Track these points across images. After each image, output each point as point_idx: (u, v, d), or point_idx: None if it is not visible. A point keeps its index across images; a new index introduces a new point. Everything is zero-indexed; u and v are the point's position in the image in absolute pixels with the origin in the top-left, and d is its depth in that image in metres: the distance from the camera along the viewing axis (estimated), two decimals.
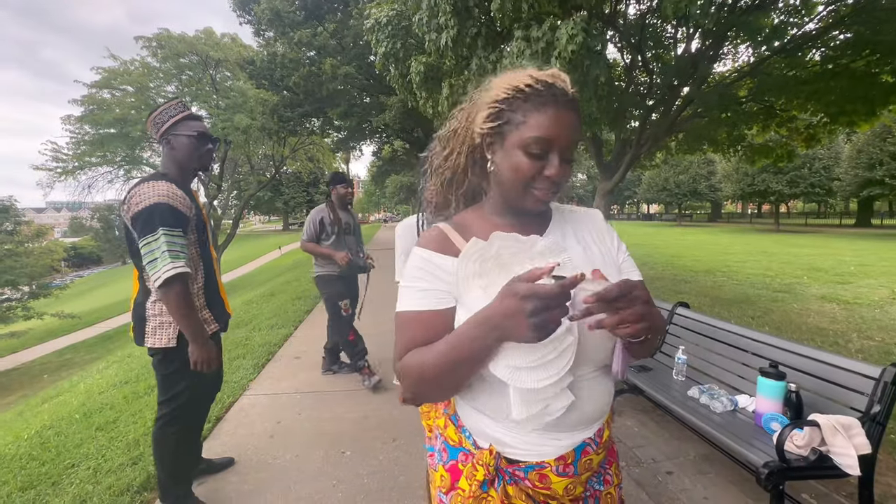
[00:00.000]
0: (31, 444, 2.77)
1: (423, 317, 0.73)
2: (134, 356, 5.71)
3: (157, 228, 1.60)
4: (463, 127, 0.81)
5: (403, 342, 0.74)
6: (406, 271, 0.78)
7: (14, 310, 14.35)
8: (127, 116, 15.83)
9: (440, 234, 0.80)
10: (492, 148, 0.76)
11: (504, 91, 0.72)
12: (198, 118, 1.82)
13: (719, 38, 5.39)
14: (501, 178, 0.76)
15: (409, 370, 0.70)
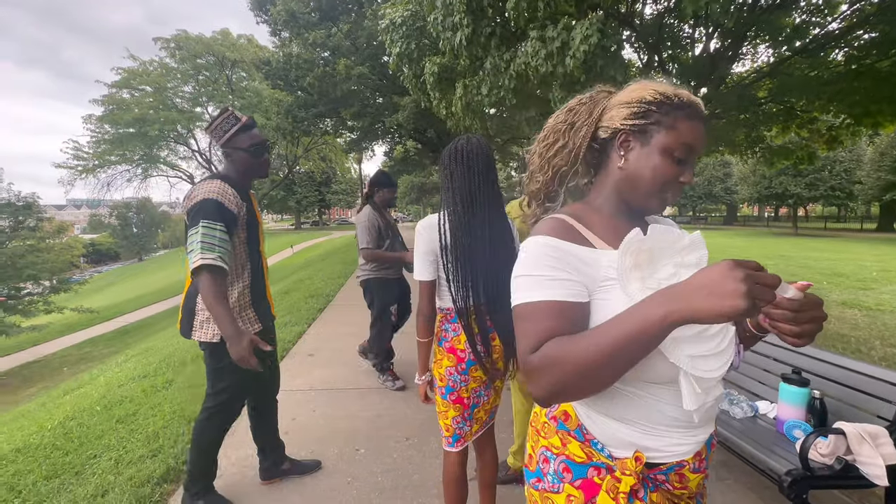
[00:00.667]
0: (55, 435, 2.85)
1: (563, 307, 0.69)
2: (152, 351, 5.83)
3: (200, 221, 1.66)
4: (584, 122, 0.82)
5: (537, 334, 0.68)
6: (527, 260, 0.74)
7: (35, 304, 14.75)
8: (145, 116, 16.19)
9: (564, 224, 0.78)
10: (627, 146, 0.78)
11: (651, 94, 0.75)
12: (252, 126, 1.86)
13: (739, 37, 5.29)
14: (633, 176, 0.77)
15: (555, 361, 0.64)
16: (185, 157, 20.34)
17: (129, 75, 16.52)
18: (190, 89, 17.89)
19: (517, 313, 0.73)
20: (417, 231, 1.49)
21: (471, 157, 1.44)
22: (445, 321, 1.52)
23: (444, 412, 1.55)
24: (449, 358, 1.50)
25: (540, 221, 0.82)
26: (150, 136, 16.52)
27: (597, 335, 0.63)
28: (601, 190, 0.84)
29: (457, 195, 1.43)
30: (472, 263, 1.42)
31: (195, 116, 18.35)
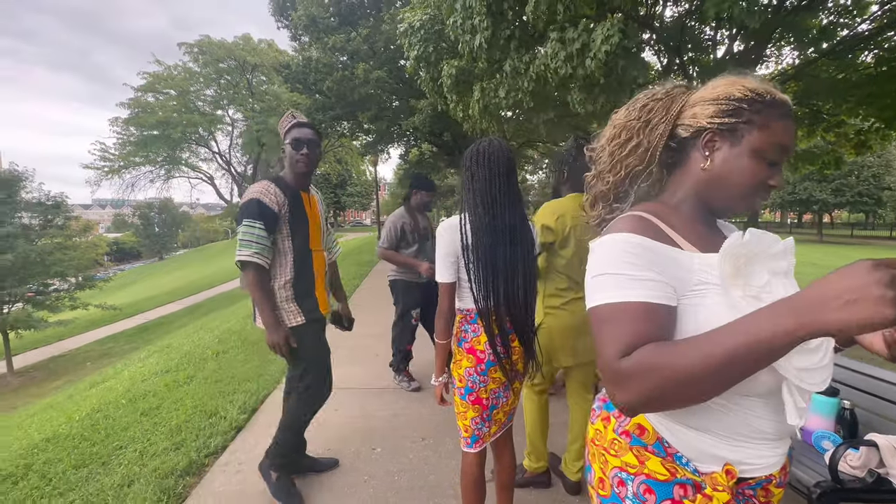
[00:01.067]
0: (83, 426, 2.94)
1: (652, 309, 0.65)
2: (172, 348, 5.97)
3: (242, 220, 1.80)
4: (661, 119, 0.78)
5: (626, 337, 0.63)
6: (608, 258, 0.70)
7: (62, 300, 15.22)
8: (169, 119, 16.64)
9: (647, 222, 0.73)
10: (712, 146, 0.74)
11: (741, 91, 0.71)
12: (302, 125, 1.95)
13: (763, 39, 5.20)
14: (719, 178, 0.74)
15: (653, 368, 0.59)
16: (205, 158, 20.82)
17: (155, 79, 17.01)
18: (212, 93, 18.33)
19: (598, 315, 0.68)
20: (438, 233, 1.49)
21: (492, 159, 1.44)
22: (465, 322, 1.52)
23: (462, 413, 1.55)
24: (468, 359, 1.50)
25: (617, 219, 0.76)
26: (172, 139, 16.97)
27: (706, 344, 0.57)
28: (677, 190, 0.80)
29: (478, 196, 1.43)
30: (493, 264, 1.42)
31: (216, 119, 18.78)
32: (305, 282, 1.96)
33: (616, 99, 4.38)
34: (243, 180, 21.14)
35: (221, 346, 4.58)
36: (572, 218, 1.86)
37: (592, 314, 0.70)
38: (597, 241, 0.74)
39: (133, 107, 16.99)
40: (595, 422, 0.84)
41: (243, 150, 20.43)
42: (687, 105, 0.77)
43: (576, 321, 1.90)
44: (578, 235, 1.85)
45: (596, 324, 0.68)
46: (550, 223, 1.86)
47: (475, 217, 1.44)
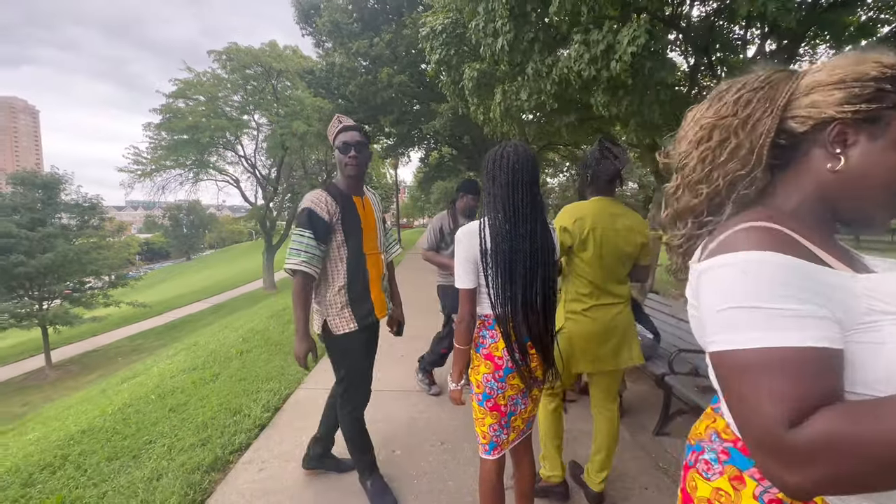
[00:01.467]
0: (115, 420, 3.05)
1: (823, 357, 0.50)
2: (199, 345, 6.15)
3: (294, 229, 1.87)
4: (765, 113, 0.64)
5: (793, 399, 0.49)
6: (746, 285, 0.54)
7: (96, 297, 15.91)
8: (198, 124, 17.20)
9: (783, 235, 0.57)
10: (844, 139, 0.59)
11: (878, 69, 0.57)
12: (348, 129, 1.94)
13: (797, 38, 5.01)
14: (859, 179, 0.59)
15: (841, 446, 0.46)
16: (231, 161, 21.42)
17: (185, 86, 17.62)
18: (239, 98, 18.86)
19: (741, 363, 0.53)
20: (458, 239, 1.47)
21: (516, 166, 1.41)
22: (483, 327, 1.50)
23: (480, 419, 1.54)
24: (486, 364, 1.48)
25: (734, 233, 0.60)
26: (201, 143, 17.52)
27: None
28: (792, 195, 0.65)
29: (499, 203, 1.42)
30: (511, 270, 1.40)
31: (242, 124, 19.31)
32: (359, 287, 1.97)
33: (641, 101, 4.29)
34: (267, 183, 21.66)
35: (245, 346, 4.69)
36: (592, 221, 1.83)
37: (729, 361, 0.54)
38: (714, 262, 0.59)
39: (164, 112, 17.64)
40: (714, 478, 0.66)
41: (268, 154, 20.94)
42: (798, 92, 0.63)
43: (597, 328, 1.86)
44: (599, 239, 1.82)
45: (738, 374, 0.53)
46: (568, 225, 1.84)
47: (495, 223, 1.41)
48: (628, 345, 1.92)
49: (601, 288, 1.87)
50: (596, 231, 1.82)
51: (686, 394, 2.57)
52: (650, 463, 2.45)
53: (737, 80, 0.69)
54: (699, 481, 0.69)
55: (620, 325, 1.89)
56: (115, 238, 19.35)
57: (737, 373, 0.53)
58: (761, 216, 0.61)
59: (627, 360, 1.92)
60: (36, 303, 14.34)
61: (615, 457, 2.47)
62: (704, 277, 0.60)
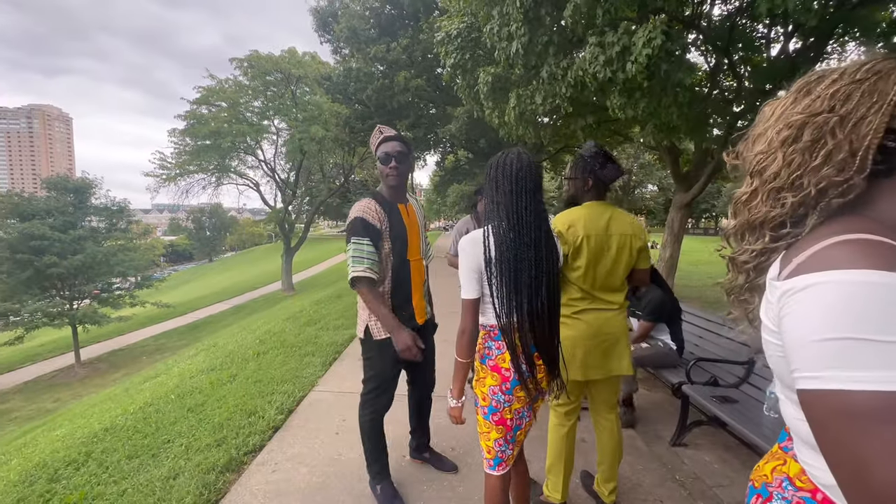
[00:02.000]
0: (136, 419, 3.14)
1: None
2: (218, 346, 6.30)
3: (350, 238, 1.91)
4: (871, 109, 0.55)
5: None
6: (849, 311, 0.46)
7: (123, 297, 16.47)
8: (220, 129, 17.65)
9: (893, 250, 0.49)
10: None
11: None
12: (389, 139, 1.99)
13: (824, 35, 4.84)
14: None
15: None
16: (252, 166, 21.89)
17: (208, 93, 18.12)
18: (259, 104, 19.28)
19: (863, 408, 0.45)
20: (461, 248, 1.44)
21: (520, 175, 1.40)
22: (489, 339, 1.47)
23: (486, 433, 1.50)
24: (493, 377, 1.45)
25: (832, 246, 0.52)
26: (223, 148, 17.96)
27: None
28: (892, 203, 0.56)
29: (502, 210, 1.40)
30: (516, 279, 1.38)
31: (262, 129, 19.72)
32: (402, 292, 2.02)
33: (658, 103, 4.21)
34: (286, 186, 22.05)
35: (262, 347, 4.77)
36: (585, 228, 1.80)
37: (836, 403, 0.46)
38: (808, 280, 0.51)
39: (189, 118, 18.17)
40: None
41: (286, 158, 21.34)
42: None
43: (588, 331, 1.83)
44: (593, 247, 1.79)
45: (850, 420, 0.45)
46: (562, 232, 1.82)
47: (499, 231, 1.39)
48: (618, 353, 1.87)
49: (593, 295, 1.85)
50: (590, 239, 1.79)
51: (704, 404, 2.50)
52: (666, 475, 2.39)
53: (831, 70, 0.59)
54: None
55: (612, 331, 1.86)
56: (141, 240, 19.98)
57: (849, 419, 0.45)
58: (860, 227, 0.53)
59: (616, 369, 1.87)
60: (67, 302, 14.94)
61: (629, 467, 2.42)
62: (795, 297, 0.52)
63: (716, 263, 15.48)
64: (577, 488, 2.22)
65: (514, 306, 1.38)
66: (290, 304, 11.94)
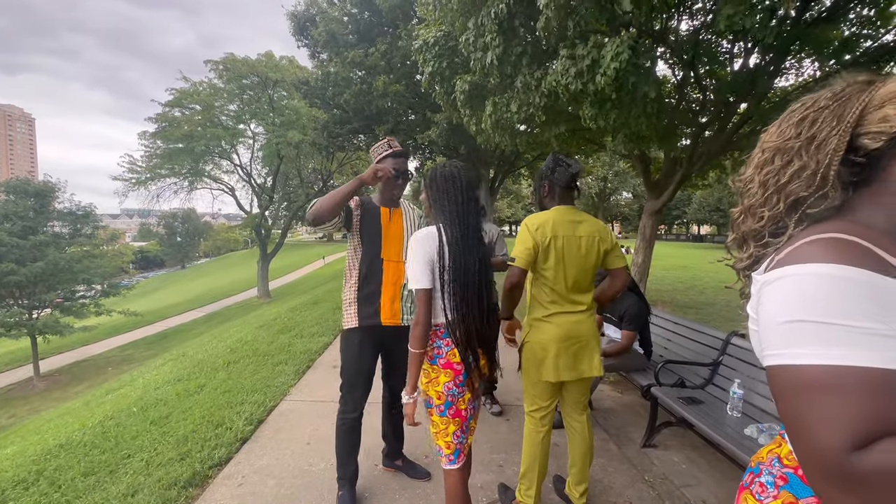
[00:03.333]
0: (94, 433, 3.00)
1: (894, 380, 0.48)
2: (187, 355, 6.08)
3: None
4: (832, 131, 0.61)
5: (858, 421, 0.47)
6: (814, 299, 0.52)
7: (87, 306, 15.75)
8: (194, 132, 17.22)
9: (859, 248, 0.55)
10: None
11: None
12: (399, 155, 2.09)
13: (781, 52, 5.10)
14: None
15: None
16: (227, 170, 21.42)
17: (181, 95, 17.68)
18: (235, 107, 18.93)
19: (810, 380, 0.51)
20: (416, 240, 1.52)
21: (464, 182, 1.56)
22: (436, 338, 1.54)
23: (443, 430, 1.55)
24: (446, 374, 1.52)
25: (805, 244, 0.58)
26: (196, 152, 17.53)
27: None
28: (878, 211, 0.61)
29: (453, 217, 1.52)
30: (465, 278, 1.48)
31: (238, 133, 19.35)
32: (370, 287, 2.07)
33: (628, 114, 4.34)
34: (263, 192, 21.65)
35: (233, 356, 4.64)
36: (553, 229, 1.84)
37: (790, 377, 0.52)
38: (780, 273, 0.57)
39: (160, 121, 17.66)
40: (766, 501, 0.65)
41: (263, 163, 20.95)
42: (871, 106, 0.59)
43: (559, 333, 1.86)
44: (561, 248, 1.84)
45: (799, 391, 0.51)
46: (532, 233, 1.85)
47: (449, 234, 1.50)
48: (589, 355, 1.91)
49: (563, 296, 1.87)
50: (557, 240, 1.84)
51: (672, 405, 2.56)
52: (636, 476, 2.43)
53: (807, 98, 0.66)
54: (751, 502, 0.68)
55: (583, 333, 1.89)
56: (108, 246, 19.22)
57: (798, 389, 0.51)
58: (838, 228, 0.58)
59: (587, 371, 1.90)
60: (26, 312, 14.18)
61: (601, 469, 2.46)
62: (768, 288, 0.58)
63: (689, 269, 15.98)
64: (549, 492, 2.23)
65: (463, 302, 1.48)
66: (265, 312, 11.66)
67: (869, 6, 4.78)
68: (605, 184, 36.24)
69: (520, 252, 1.85)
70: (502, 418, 3.09)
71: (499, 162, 14.65)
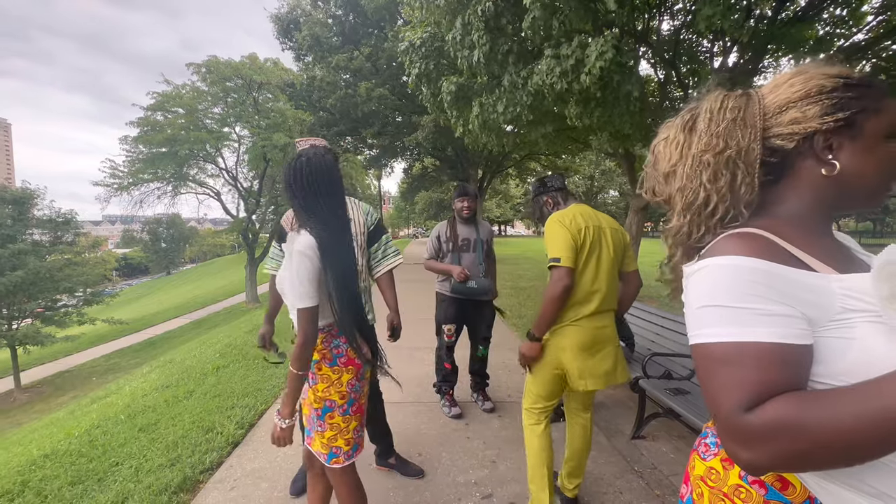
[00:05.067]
0: (81, 442, 2.94)
1: (785, 352, 0.55)
2: (175, 362, 5.99)
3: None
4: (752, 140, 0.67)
5: (753, 386, 0.55)
6: (719, 286, 0.60)
7: (70, 315, 15.37)
8: (177, 136, 16.93)
9: (764, 241, 0.62)
10: (830, 146, 0.64)
11: (831, 81, 0.63)
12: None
13: (759, 51, 5.24)
14: (852, 179, 0.63)
15: (790, 428, 0.51)
16: (212, 174, 21.08)
17: (164, 99, 17.39)
18: (219, 110, 18.66)
19: (710, 355, 0.59)
20: (302, 253, 1.37)
21: (335, 177, 1.49)
22: (332, 337, 1.50)
23: (345, 428, 1.50)
24: (349, 371, 1.51)
25: (722, 239, 0.65)
26: (180, 156, 17.24)
27: (859, 398, 0.49)
28: (789, 202, 0.68)
29: (325, 213, 1.45)
30: (346, 275, 1.45)
31: (223, 136, 19.09)
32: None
33: (612, 112, 4.42)
34: (249, 195, 21.39)
35: (222, 361, 4.59)
36: (584, 220, 1.74)
37: (700, 353, 0.60)
38: (698, 266, 0.64)
39: (142, 125, 17.34)
40: (708, 458, 0.73)
41: (249, 166, 20.69)
42: (770, 112, 0.67)
43: (586, 338, 1.73)
44: (592, 241, 1.72)
45: (706, 364, 0.59)
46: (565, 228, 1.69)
47: (323, 233, 1.41)
48: (615, 360, 1.81)
49: (588, 297, 1.75)
50: (589, 231, 1.73)
51: (659, 397, 2.61)
52: (626, 467, 2.48)
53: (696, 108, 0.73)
54: (697, 461, 0.75)
55: (609, 338, 1.80)
56: (90, 254, 18.79)
57: (705, 363, 0.60)
58: (753, 224, 0.66)
59: (615, 377, 1.80)
60: (5, 322, 13.79)
61: (591, 461, 2.48)
62: (689, 280, 0.66)
63: None
64: None
65: (349, 298, 1.45)
66: (253, 317, 11.53)
67: (841, 6, 4.94)
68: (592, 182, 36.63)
69: (562, 248, 1.67)
70: (494, 415, 3.12)
71: (486, 162, 14.73)
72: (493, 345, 3.32)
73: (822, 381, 0.58)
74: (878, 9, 5.00)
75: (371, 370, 1.63)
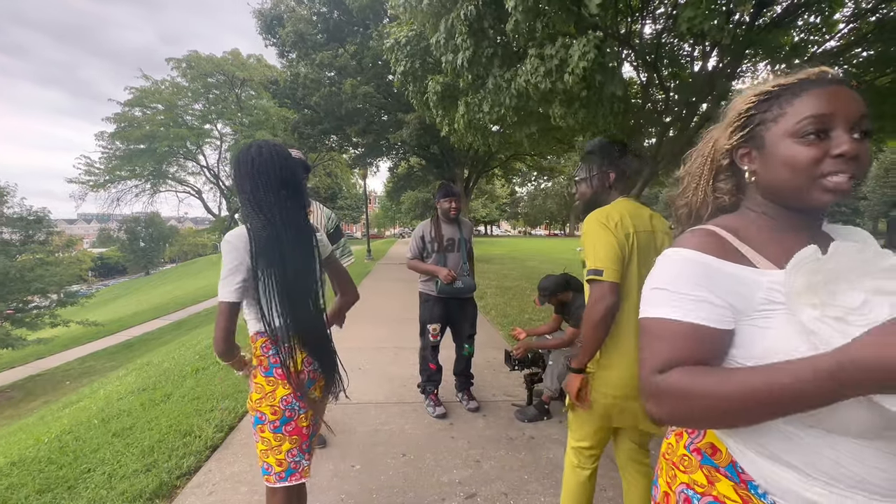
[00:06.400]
0: (51, 448, 2.83)
1: (701, 332, 0.65)
2: (152, 364, 5.83)
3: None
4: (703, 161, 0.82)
5: (664, 355, 0.65)
6: (666, 273, 0.71)
7: (42, 317, 14.84)
8: (156, 133, 16.53)
9: (715, 238, 0.72)
10: (747, 158, 0.75)
11: (746, 101, 0.74)
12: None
13: (737, 55, 5.37)
14: (771, 181, 0.71)
15: (681, 393, 0.61)
16: (193, 172, 20.70)
17: (142, 94, 16.97)
18: (200, 107, 18.31)
19: (646, 327, 0.70)
20: (229, 243, 1.29)
21: (287, 170, 1.33)
22: (272, 345, 1.32)
23: (275, 447, 1.35)
24: (285, 386, 1.33)
25: (686, 233, 0.76)
26: (159, 153, 16.87)
27: (740, 378, 0.56)
28: (749, 202, 0.78)
29: (268, 210, 1.30)
30: (285, 280, 1.30)
31: (204, 133, 18.72)
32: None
33: (596, 113, 4.46)
34: (231, 194, 21.00)
35: (201, 363, 4.48)
36: (632, 223, 1.44)
37: (642, 324, 0.72)
38: (662, 255, 0.74)
39: (119, 121, 16.88)
40: (669, 436, 0.83)
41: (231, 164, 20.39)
42: (715, 140, 0.81)
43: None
44: (642, 245, 1.43)
45: (643, 335, 0.71)
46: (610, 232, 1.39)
47: (266, 232, 1.29)
48: None
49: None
50: (639, 237, 1.43)
51: None
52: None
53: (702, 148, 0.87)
54: (664, 441, 0.86)
55: None
56: (63, 253, 18.17)
57: (643, 334, 0.71)
58: (722, 221, 0.77)
59: None
60: None
61: None
62: (655, 265, 0.76)
63: None
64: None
65: (289, 307, 1.31)
66: None
67: (815, 13, 5.09)
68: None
69: (606, 258, 1.35)
70: (479, 414, 3.12)
71: (472, 162, 14.75)
72: (477, 344, 3.32)
73: (740, 362, 0.65)
74: (848, 17, 5.18)
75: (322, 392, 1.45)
